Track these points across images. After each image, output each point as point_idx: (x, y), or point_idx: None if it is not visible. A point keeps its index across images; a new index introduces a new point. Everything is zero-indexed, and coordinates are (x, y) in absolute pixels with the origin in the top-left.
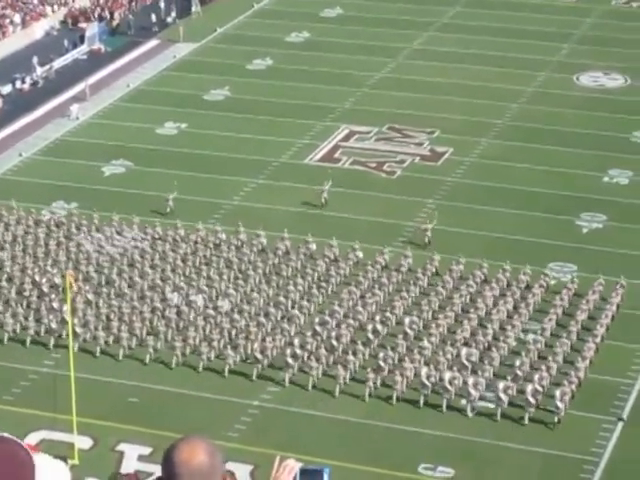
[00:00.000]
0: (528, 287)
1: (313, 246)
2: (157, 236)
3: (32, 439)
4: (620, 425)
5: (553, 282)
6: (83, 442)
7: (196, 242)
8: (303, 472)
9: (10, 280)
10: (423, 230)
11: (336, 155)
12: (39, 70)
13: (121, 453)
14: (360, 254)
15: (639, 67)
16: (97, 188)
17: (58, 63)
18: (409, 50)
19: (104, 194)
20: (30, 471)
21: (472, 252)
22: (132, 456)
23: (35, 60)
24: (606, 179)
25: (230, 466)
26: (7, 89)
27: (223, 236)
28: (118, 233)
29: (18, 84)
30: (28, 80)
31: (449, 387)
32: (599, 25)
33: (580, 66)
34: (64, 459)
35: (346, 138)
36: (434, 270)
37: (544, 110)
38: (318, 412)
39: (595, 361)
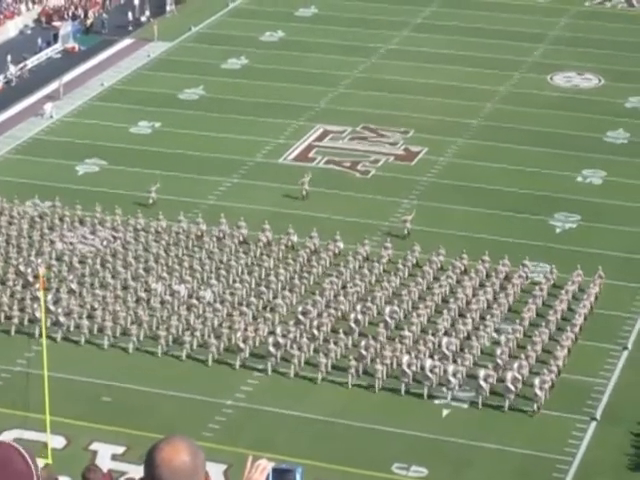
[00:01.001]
0: (507, 278)
1: (294, 237)
2: (139, 227)
3: (4, 438)
4: (593, 424)
5: (527, 282)
6: (56, 441)
7: (178, 233)
8: (275, 471)
9: None
10: (403, 222)
11: (310, 154)
12: (12, 69)
13: (94, 452)
14: (341, 245)
15: (613, 68)
16: (71, 187)
17: (32, 62)
18: (384, 50)
19: (78, 193)
20: (27, 478)
21: (446, 252)
22: (105, 455)
23: (9, 58)
24: (580, 179)
25: None
26: None
27: (204, 227)
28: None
29: None
30: (1, 79)
31: (430, 375)
32: (573, 25)
33: (554, 66)
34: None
35: (320, 137)
36: (414, 261)
37: (518, 110)
38: (292, 411)
39: (569, 360)
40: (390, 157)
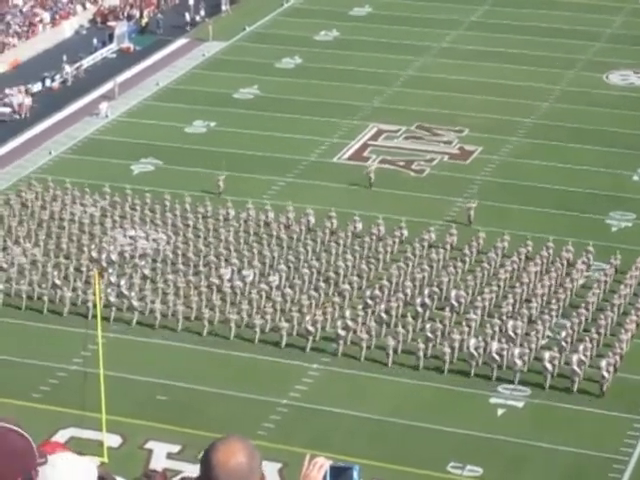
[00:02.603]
0: (570, 263)
1: (360, 224)
2: (208, 214)
3: (61, 437)
4: None
5: (581, 281)
6: (112, 440)
7: (246, 220)
8: (333, 469)
9: (68, 257)
10: (467, 209)
11: (365, 154)
12: (68, 69)
13: (150, 451)
14: (405, 232)
15: None
16: (126, 186)
17: (87, 62)
18: (438, 48)
19: (133, 192)
20: (24, 460)
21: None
22: (161, 454)
23: (64, 58)
24: (635, 178)
25: None
26: (37, 87)
27: (272, 215)
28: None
29: (47, 82)
30: (57, 78)
31: (496, 358)
32: (628, 23)
33: (610, 64)
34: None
35: (375, 137)
36: (479, 247)
37: (573, 109)
38: (347, 410)
39: (625, 359)
40: (445, 156)
